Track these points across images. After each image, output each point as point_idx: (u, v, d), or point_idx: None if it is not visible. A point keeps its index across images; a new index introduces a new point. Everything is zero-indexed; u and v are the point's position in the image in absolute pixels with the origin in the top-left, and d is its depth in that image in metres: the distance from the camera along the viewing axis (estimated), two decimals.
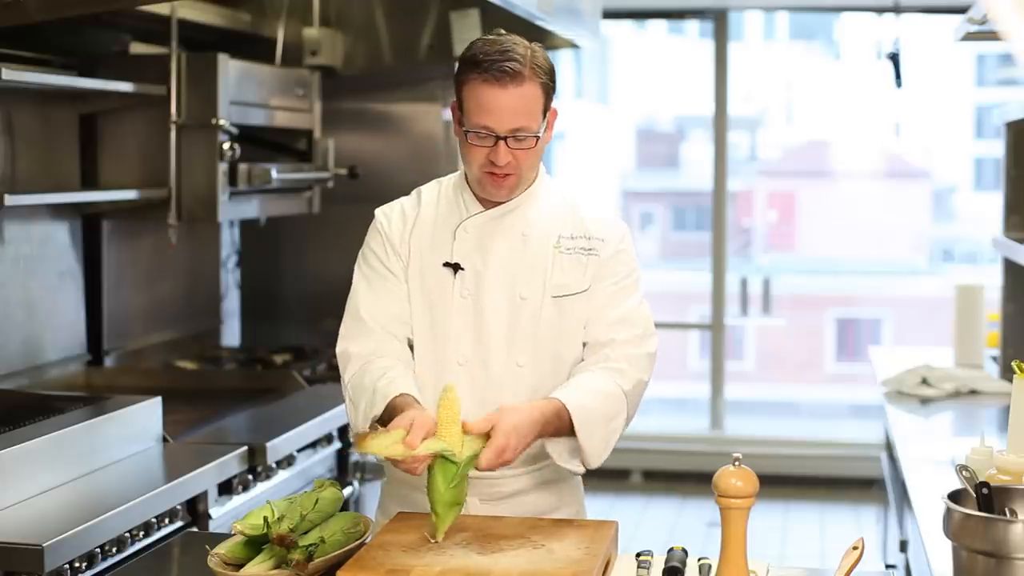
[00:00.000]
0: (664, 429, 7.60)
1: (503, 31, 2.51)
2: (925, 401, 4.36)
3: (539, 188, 2.60)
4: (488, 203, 2.57)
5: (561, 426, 2.42)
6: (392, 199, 2.68)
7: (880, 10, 7.36)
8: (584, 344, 2.57)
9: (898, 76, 6.07)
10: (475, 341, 2.54)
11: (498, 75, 2.40)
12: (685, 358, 11.14)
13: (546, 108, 2.49)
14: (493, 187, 2.51)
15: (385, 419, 2.38)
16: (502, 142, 2.44)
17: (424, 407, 2.37)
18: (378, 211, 2.65)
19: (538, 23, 4.39)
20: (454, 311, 2.54)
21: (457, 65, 2.49)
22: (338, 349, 2.59)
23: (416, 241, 2.58)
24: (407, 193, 2.68)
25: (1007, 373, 4.49)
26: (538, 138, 2.48)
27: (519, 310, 2.54)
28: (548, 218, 2.59)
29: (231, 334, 5.05)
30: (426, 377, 2.54)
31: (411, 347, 2.58)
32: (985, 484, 2.16)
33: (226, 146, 4.00)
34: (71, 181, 3.93)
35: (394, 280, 2.57)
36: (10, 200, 3.36)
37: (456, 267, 2.55)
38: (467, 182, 2.58)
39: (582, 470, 2.52)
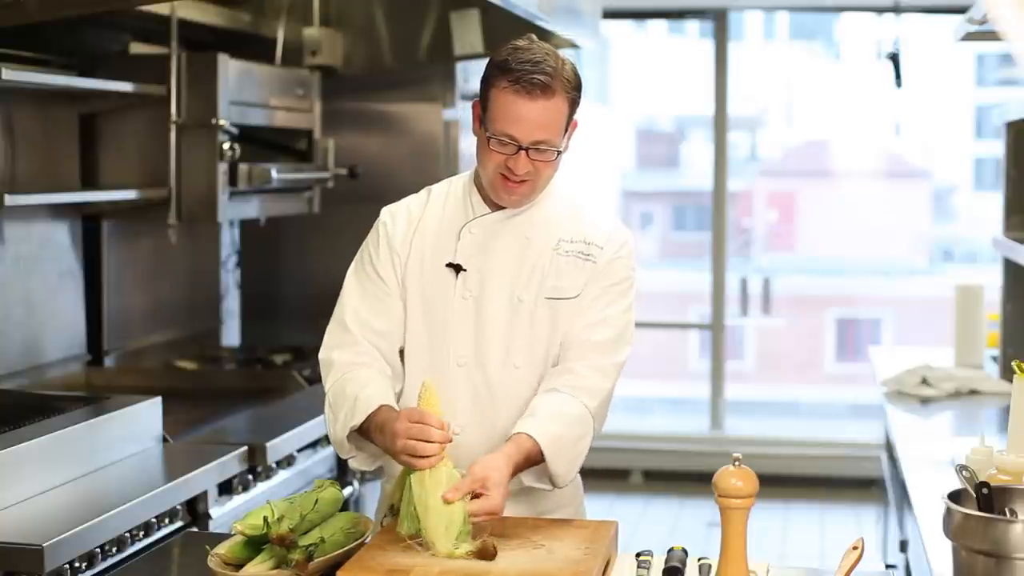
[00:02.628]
0: (664, 429, 7.60)
1: (534, 37, 2.50)
2: (925, 401, 4.36)
3: (547, 192, 2.59)
4: (495, 205, 2.56)
5: (533, 457, 2.40)
6: (392, 199, 2.67)
7: (880, 10, 7.37)
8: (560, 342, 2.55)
9: (898, 76, 6.08)
10: (475, 342, 2.53)
11: (528, 87, 2.40)
12: (685, 358, 11.13)
13: (569, 121, 2.49)
14: (505, 192, 2.50)
15: (364, 430, 2.40)
16: (523, 152, 2.43)
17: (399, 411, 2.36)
18: (384, 210, 2.64)
19: (538, 23, 4.39)
20: (455, 312, 2.54)
21: (486, 66, 2.48)
22: (321, 355, 2.58)
23: (418, 241, 2.57)
24: (407, 193, 2.68)
25: (1007, 373, 4.49)
26: (559, 152, 2.48)
27: (517, 312, 2.54)
28: (552, 222, 2.58)
29: (231, 334, 5.05)
30: (420, 378, 2.51)
31: (401, 354, 2.57)
32: (985, 484, 2.15)
33: (226, 146, 4.00)
34: (71, 181, 3.93)
35: (384, 288, 2.56)
36: (10, 200, 3.36)
37: (458, 268, 2.55)
38: (477, 182, 2.58)
39: (550, 488, 2.50)
